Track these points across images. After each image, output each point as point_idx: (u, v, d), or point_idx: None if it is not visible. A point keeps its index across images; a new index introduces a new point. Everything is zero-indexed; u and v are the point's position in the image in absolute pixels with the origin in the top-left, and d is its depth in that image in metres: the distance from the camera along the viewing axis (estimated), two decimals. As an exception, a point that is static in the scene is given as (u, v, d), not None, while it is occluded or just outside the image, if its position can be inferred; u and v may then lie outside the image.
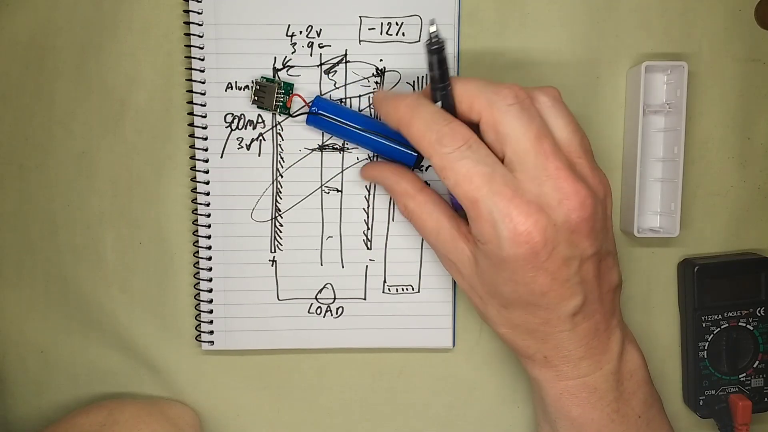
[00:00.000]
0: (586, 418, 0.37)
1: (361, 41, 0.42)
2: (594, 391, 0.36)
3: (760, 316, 0.43)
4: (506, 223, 0.33)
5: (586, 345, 0.36)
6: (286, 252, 0.43)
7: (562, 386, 0.37)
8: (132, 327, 0.44)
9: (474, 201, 0.33)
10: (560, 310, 0.35)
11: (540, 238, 0.33)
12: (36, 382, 0.45)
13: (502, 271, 0.34)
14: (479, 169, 0.33)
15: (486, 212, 0.33)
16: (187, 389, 0.45)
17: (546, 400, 0.38)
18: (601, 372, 0.36)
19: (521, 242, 0.33)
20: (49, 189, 0.43)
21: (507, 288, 0.35)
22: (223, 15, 0.41)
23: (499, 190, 0.33)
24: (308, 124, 0.41)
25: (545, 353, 0.36)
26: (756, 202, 0.44)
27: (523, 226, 0.33)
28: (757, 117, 0.43)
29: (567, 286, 0.34)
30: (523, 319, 0.36)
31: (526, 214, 0.33)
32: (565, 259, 0.34)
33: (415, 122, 0.35)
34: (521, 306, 0.35)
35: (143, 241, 0.44)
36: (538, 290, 0.34)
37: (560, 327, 0.35)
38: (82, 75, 0.42)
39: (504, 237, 0.33)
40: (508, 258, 0.33)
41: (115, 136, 0.43)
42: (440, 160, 0.34)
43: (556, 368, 0.36)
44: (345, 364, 0.45)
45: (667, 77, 0.42)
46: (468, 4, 0.42)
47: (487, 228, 0.33)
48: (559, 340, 0.36)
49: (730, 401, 0.44)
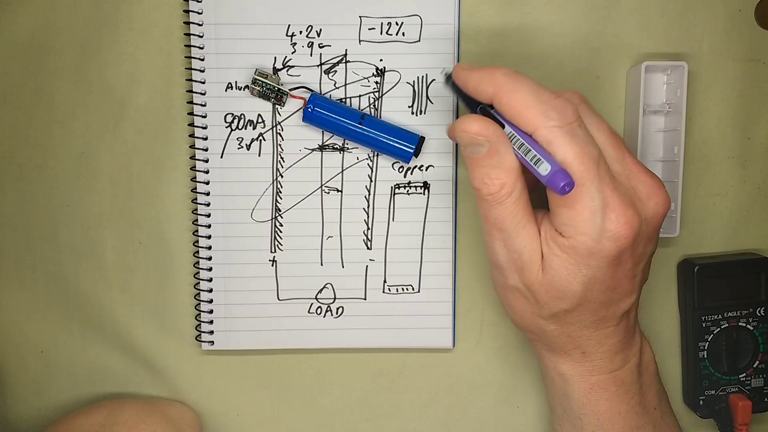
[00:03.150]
0: (613, 411, 0.37)
1: (361, 41, 0.42)
2: (622, 384, 0.36)
3: (760, 316, 0.43)
4: (608, 214, 0.31)
5: (622, 341, 0.36)
6: (286, 252, 0.43)
7: (593, 381, 0.36)
8: (132, 327, 0.44)
9: (580, 184, 0.31)
10: (619, 306, 0.34)
11: (634, 234, 0.32)
12: (36, 382, 0.45)
13: (584, 268, 0.32)
14: (589, 150, 0.31)
15: (588, 199, 0.31)
16: (187, 389, 0.45)
17: (573, 395, 0.37)
18: (628, 365, 0.37)
19: (620, 236, 0.31)
20: (49, 189, 0.43)
21: (581, 288, 0.33)
22: (223, 15, 0.41)
23: (604, 177, 0.31)
24: (304, 121, 0.41)
25: (585, 349, 0.36)
26: (756, 202, 0.44)
27: (623, 218, 0.31)
28: (757, 117, 0.43)
29: (632, 284, 0.34)
30: (580, 317, 0.34)
31: (626, 206, 0.31)
32: (640, 256, 0.33)
33: (519, 91, 0.32)
34: (588, 305, 0.34)
35: (143, 241, 0.44)
36: (612, 286, 0.33)
37: (610, 323, 0.35)
38: (82, 75, 0.42)
39: (603, 229, 0.31)
40: (599, 251, 0.32)
41: (115, 136, 0.43)
42: (549, 133, 0.31)
43: (592, 363, 0.36)
44: (345, 364, 0.45)
45: (667, 77, 0.42)
46: (468, 4, 0.42)
47: (586, 216, 0.31)
48: (603, 335, 0.35)
49: (730, 401, 0.44)
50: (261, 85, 0.41)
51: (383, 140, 0.41)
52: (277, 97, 0.42)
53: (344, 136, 0.42)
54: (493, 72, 0.33)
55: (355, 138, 0.41)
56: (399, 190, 0.43)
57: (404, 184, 0.43)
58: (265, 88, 0.41)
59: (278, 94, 0.41)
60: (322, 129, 0.42)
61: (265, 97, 0.42)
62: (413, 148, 0.41)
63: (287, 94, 0.42)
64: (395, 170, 0.43)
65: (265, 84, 0.41)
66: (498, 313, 0.45)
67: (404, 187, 0.43)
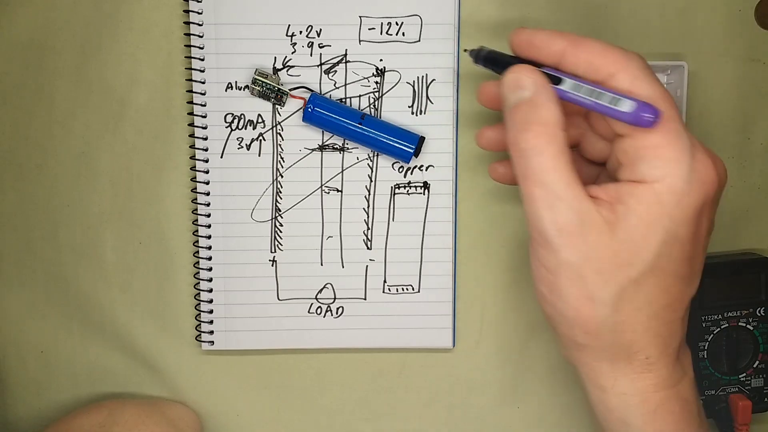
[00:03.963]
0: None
1: (361, 41, 0.42)
2: (686, 403, 0.32)
3: (760, 316, 0.43)
4: (696, 154, 0.29)
5: (682, 343, 0.32)
6: (286, 252, 0.43)
7: (658, 399, 0.32)
8: (132, 327, 0.44)
9: (668, 120, 0.29)
10: (690, 287, 0.31)
11: (720, 182, 0.30)
12: (36, 382, 0.45)
13: (667, 219, 0.29)
14: (666, 93, 0.30)
15: (676, 135, 0.29)
16: (187, 389, 0.45)
17: (634, 422, 0.32)
18: (687, 378, 0.33)
19: (709, 180, 0.29)
20: (49, 189, 0.43)
21: (659, 248, 0.29)
22: (223, 15, 0.41)
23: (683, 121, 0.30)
24: (304, 121, 0.41)
25: (649, 352, 0.31)
26: (756, 202, 0.44)
27: (711, 160, 0.29)
28: (757, 117, 0.43)
29: (701, 260, 0.31)
30: (651, 297, 0.30)
31: (709, 150, 0.30)
32: (710, 223, 0.31)
33: (594, 42, 0.31)
34: (661, 276, 0.30)
35: (143, 241, 0.44)
36: (689, 254, 0.30)
37: (678, 313, 0.31)
38: (82, 75, 0.42)
39: (694, 169, 0.29)
40: (687, 197, 0.29)
41: (115, 136, 0.43)
42: (635, 71, 0.30)
43: (657, 373, 0.31)
44: (345, 364, 0.45)
45: (667, 77, 0.42)
46: (468, 4, 0.42)
47: (675, 154, 0.29)
48: (670, 333, 0.31)
49: (730, 401, 0.44)
50: (261, 85, 0.41)
51: (383, 140, 0.41)
52: (277, 97, 0.42)
53: (344, 136, 0.42)
54: (560, 31, 0.32)
55: (355, 138, 0.41)
56: (399, 190, 0.43)
57: (404, 184, 0.43)
58: (265, 88, 0.41)
59: (278, 94, 0.41)
60: (322, 129, 0.42)
61: (265, 97, 0.42)
62: (413, 148, 0.41)
63: (287, 94, 0.42)
64: (395, 170, 0.43)
65: (265, 84, 0.41)
66: (498, 313, 0.45)
67: (404, 187, 0.43)
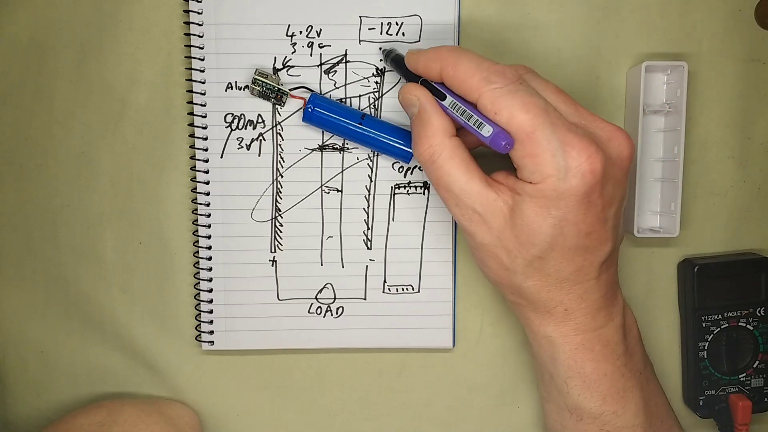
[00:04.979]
0: (599, 373, 0.37)
1: (361, 41, 0.42)
2: (607, 344, 0.37)
3: (760, 316, 0.43)
4: (568, 152, 0.32)
5: (604, 295, 0.36)
6: (286, 252, 0.43)
7: (578, 340, 0.36)
8: (132, 327, 0.44)
9: (532, 131, 0.32)
10: (596, 255, 0.35)
11: (601, 169, 0.33)
12: (36, 382, 0.45)
13: (554, 209, 0.33)
14: (534, 100, 0.33)
15: (545, 142, 0.32)
16: (187, 389, 0.45)
17: (559, 358, 0.37)
18: (612, 324, 0.37)
19: (585, 172, 0.32)
20: (49, 189, 0.43)
21: (552, 231, 0.33)
22: (223, 15, 0.41)
23: (556, 121, 0.33)
24: (305, 121, 0.41)
25: (567, 305, 0.36)
26: (756, 202, 0.44)
27: (585, 154, 0.32)
28: (757, 117, 0.43)
29: (605, 229, 0.34)
30: (557, 267, 0.35)
31: (586, 143, 0.32)
32: (609, 198, 0.34)
33: (463, 62, 0.34)
34: (561, 251, 0.34)
35: (143, 241, 0.44)
36: (585, 230, 0.34)
37: (590, 275, 0.35)
38: (82, 75, 0.42)
39: (568, 168, 0.32)
40: (567, 191, 0.33)
41: (115, 136, 0.43)
42: (491, 95, 0.33)
43: (575, 320, 0.36)
44: (345, 364, 0.45)
45: (667, 77, 0.42)
46: (468, 4, 0.42)
47: (547, 159, 0.32)
48: (585, 289, 0.35)
49: (730, 401, 0.44)
50: (261, 85, 0.41)
51: (383, 140, 0.41)
52: (277, 97, 0.42)
53: (344, 136, 0.42)
54: (439, 50, 0.36)
55: (355, 138, 0.41)
56: (399, 190, 0.43)
57: (404, 184, 0.43)
58: (265, 88, 0.41)
59: (278, 94, 0.41)
60: (322, 129, 0.42)
61: (265, 97, 0.42)
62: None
63: (287, 94, 0.42)
64: (395, 170, 0.43)
65: (265, 84, 0.41)
66: (498, 313, 0.45)
67: (404, 187, 0.43)
